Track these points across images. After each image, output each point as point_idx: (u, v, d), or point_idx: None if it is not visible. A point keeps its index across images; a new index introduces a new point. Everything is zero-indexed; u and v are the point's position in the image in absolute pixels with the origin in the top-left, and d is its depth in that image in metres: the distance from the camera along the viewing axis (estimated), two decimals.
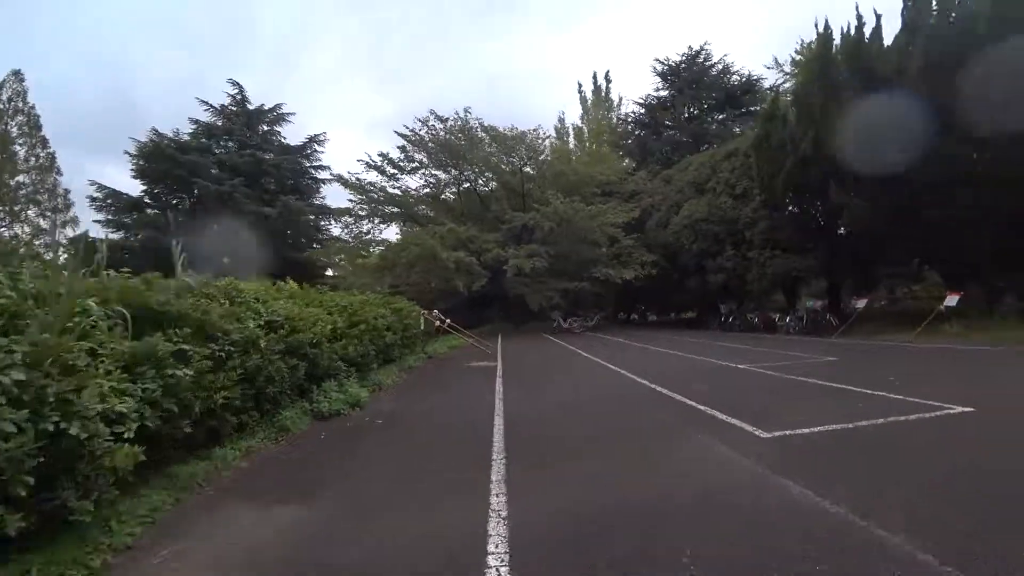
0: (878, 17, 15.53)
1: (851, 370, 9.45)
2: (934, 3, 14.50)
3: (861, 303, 18.06)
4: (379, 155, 29.44)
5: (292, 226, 35.23)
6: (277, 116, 38.40)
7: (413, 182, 38.75)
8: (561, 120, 48.54)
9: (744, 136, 23.42)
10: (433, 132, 27.50)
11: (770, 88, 35.50)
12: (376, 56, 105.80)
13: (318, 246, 34.45)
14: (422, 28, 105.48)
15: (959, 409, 5.51)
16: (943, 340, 14.06)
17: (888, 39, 15.44)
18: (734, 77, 38.28)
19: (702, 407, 6.19)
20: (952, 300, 15.06)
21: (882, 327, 17.74)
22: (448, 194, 32.31)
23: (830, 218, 17.61)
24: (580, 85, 50.32)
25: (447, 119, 27.17)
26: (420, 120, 27.49)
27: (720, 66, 38.56)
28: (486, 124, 27.24)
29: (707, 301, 27.57)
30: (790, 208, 18.55)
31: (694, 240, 21.89)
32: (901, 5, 15.35)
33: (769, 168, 17.83)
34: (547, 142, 28.56)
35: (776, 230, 18.86)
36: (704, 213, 21.45)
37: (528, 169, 27.97)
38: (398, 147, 28.29)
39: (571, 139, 46.35)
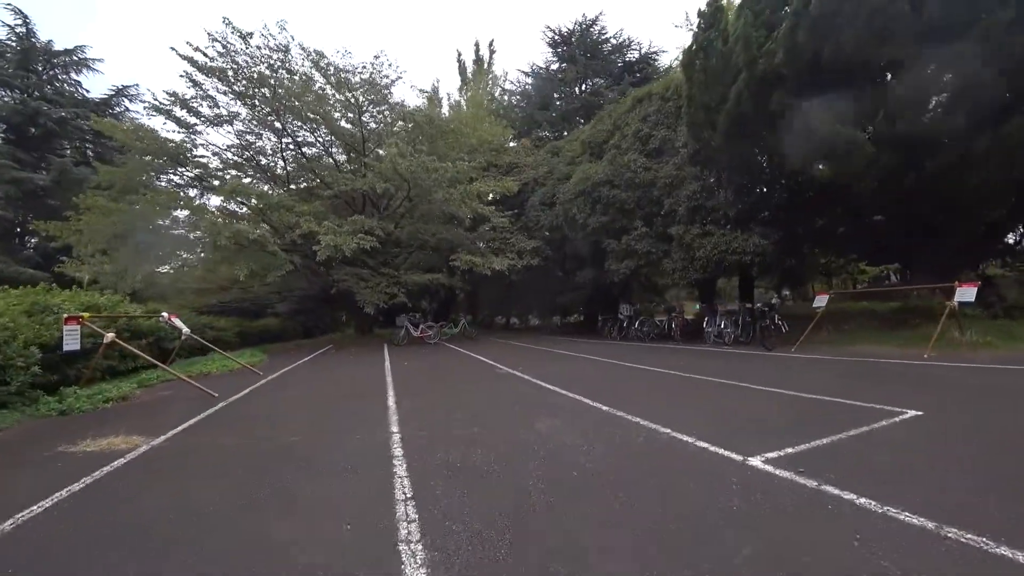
0: None
1: None
2: None
3: (822, 300, 12.56)
4: (167, 94, 20.13)
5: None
6: (76, 61, 27.88)
7: (222, 138, 29.10)
8: (435, 89, 41.09)
9: (659, 81, 17.52)
10: (232, 55, 18.73)
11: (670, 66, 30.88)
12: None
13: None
14: None
15: None
16: (974, 356, 8.70)
17: None
18: (631, 52, 33.37)
19: None
20: (968, 294, 9.78)
21: (846, 334, 12.45)
22: (270, 159, 23.26)
23: (789, 180, 11.97)
24: (459, 54, 43.84)
25: (250, 35, 18.50)
26: (212, 36, 18.55)
27: (615, 41, 33.54)
28: (311, 48, 19.08)
29: (601, 300, 21.63)
30: (732, 164, 12.56)
31: (590, 213, 15.49)
32: None
33: (707, 97, 11.81)
34: (398, 84, 20.78)
35: (711, 195, 12.90)
36: (606, 174, 15.15)
37: (371, 121, 20.08)
38: (182, 74, 19.11)
39: (445, 111, 39.17)
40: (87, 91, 28.81)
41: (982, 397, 5.63)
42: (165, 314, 10.74)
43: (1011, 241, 14.71)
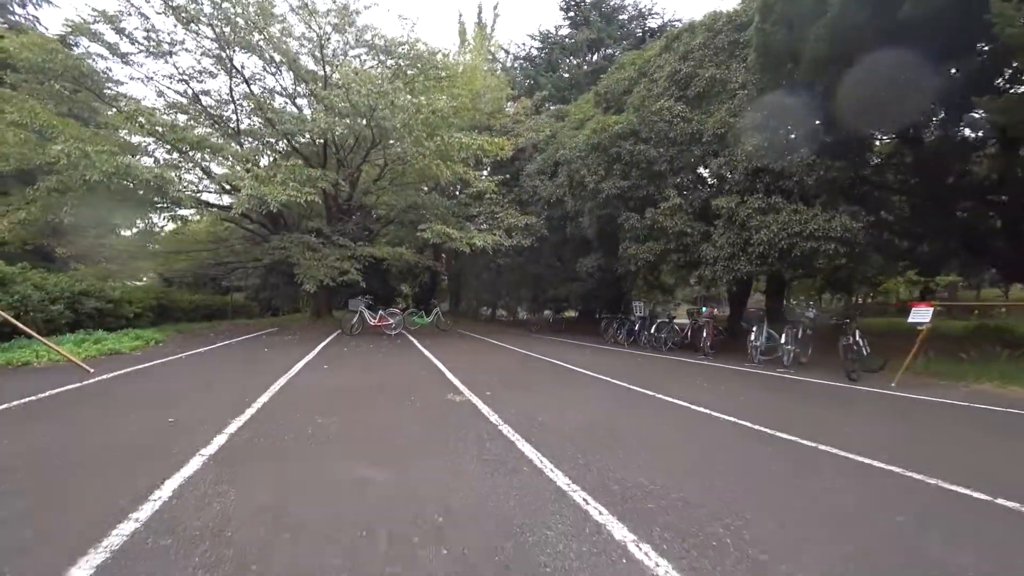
0: None
1: None
2: None
3: (924, 315, 8.78)
4: (93, 11, 16.00)
5: None
6: None
7: (169, 68, 24.57)
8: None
9: (706, 14, 13.48)
10: None
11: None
12: None
13: None
14: None
15: None
16: None
17: None
18: (652, 20, 29.58)
19: None
20: None
21: (959, 365, 8.73)
22: (222, 107, 18.87)
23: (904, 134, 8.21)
24: (460, 15, 40.64)
25: None
26: None
27: (633, 9, 29.74)
28: None
29: (602, 296, 17.93)
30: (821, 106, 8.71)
31: (605, 175, 11.61)
32: None
33: (793, 6, 8.01)
34: (373, 11, 16.74)
35: (780, 154, 9.09)
36: (629, 124, 11.29)
37: (338, 55, 15.97)
38: None
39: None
40: (46, 28, 24.74)
41: None
42: None
43: None
